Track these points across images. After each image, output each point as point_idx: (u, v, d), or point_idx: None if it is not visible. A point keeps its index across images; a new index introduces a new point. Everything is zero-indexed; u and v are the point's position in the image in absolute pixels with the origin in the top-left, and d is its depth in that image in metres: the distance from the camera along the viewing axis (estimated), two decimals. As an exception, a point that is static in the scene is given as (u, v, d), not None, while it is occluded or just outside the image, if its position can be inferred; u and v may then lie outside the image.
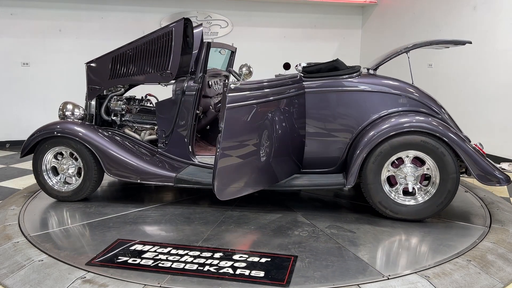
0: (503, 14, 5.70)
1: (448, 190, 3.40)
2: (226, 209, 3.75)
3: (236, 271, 2.67)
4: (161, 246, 3.01)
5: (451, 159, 3.37)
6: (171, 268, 2.69)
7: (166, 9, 7.58)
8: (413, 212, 3.45)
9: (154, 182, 3.78)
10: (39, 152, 3.86)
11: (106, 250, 2.94)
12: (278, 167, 3.53)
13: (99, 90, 4.13)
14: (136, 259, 2.81)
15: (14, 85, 7.02)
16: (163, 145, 3.97)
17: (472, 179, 4.93)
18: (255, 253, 2.92)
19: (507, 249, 3.04)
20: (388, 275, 2.63)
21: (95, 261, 2.77)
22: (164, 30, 3.79)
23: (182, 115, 3.88)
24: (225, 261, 2.80)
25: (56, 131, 3.77)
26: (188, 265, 2.73)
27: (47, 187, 3.91)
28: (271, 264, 2.78)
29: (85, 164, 3.81)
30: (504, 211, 3.77)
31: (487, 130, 5.97)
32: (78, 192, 3.89)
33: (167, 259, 2.81)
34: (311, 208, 3.86)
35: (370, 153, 3.43)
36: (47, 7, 7.03)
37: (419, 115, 3.50)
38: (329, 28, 8.42)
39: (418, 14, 7.13)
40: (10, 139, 7.09)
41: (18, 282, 2.57)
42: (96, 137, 3.79)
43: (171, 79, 3.87)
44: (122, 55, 3.92)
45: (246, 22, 7.97)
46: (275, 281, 2.57)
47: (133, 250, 2.94)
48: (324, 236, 3.23)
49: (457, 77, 6.41)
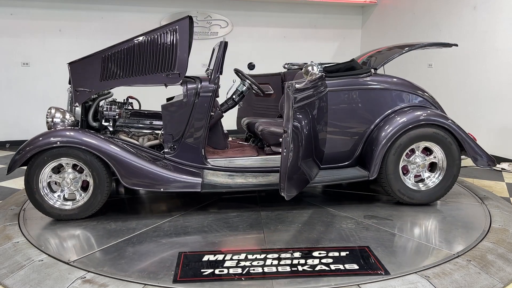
0: (503, 14, 5.70)
1: (454, 175, 3.86)
2: (254, 210, 3.74)
3: (330, 267, 2.73)
4: (233, 253, 2.89)
5: (455, 148, 3.84)
6: (265, 273, 2.64)
7: (166, 9, 7.59)
8: (426, 197, 3.86)
9: (178, 189, 3.53)
10: (36, 166, 3.36)
11: (180, 266, 2.73)
12: (315, 164, 3.66)
13: (89, 94, 3.68)
14: (222, 269, 2.68)
15: (14, 85, 7.02)
16: (171, 150, 3.71)
17: (472, 179, 4.95)
18: (330, 248, 3.00)
19: (507, 249, 3.04)
20: (457, 252, 2.95)
21: (181, 279, 2.57)
22: (167, 28, 3.57)
23: (196, 117, 3.66)
24: (311, 259, 2.82)
25: (59, 141, 3.33)
26: (281, 267, 2.70)
27: (46, 206, 3.43)
28: (354, 256, 2.88)
29: (97, 176, 3.41)
30: (504, 211, 3.77)
31: (487, 130, 5.97)
32: (87, 209, 3.47)
33: (252, 264, 2.74)
34: (330, 201, 4.02)
35: (391, 145, 3.75)
36: (47, 7, 7.03)
37: (428, 110, 3.91)
38: (329, 28, 8.43)
39: (418, 14, 7.13)
40: (10, 139, 7.09)
41: (18, 282, 2.57)
42: (109, 145, 3.42)
43: (179, 80, 3.61)
44: (115, 55, 3.58)
45: (246, 22, 7.97)
46: (374, 270, 2.69)
47: (208, 261, 2.79)
48: (371, 225, 3.43)
49: (457, 77, 6.41)
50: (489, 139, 5.95)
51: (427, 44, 4.16)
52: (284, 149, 3.08)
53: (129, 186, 3.45)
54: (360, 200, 4.10)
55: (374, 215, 3.65)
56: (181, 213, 3.68)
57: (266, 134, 3.90)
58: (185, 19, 3.55)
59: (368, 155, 3.83)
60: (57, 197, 3.46)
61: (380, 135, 3.79)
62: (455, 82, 6.46)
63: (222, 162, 3.79)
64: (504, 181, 4.98)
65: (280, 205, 3.84)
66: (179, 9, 7.62)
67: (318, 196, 4.24)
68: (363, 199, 4.13)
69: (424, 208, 3.81)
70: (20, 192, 4.35)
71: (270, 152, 3.92)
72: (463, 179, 4.87)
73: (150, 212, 3.81)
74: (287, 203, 3.79)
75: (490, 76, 5.89)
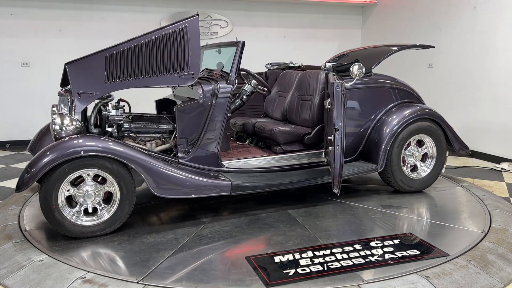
0: (503, 14, 5.70)
1: (442, 163, 4.32)
2: (279, 209, 3.79)
3: (396, 254, 2.91)
4: (299, 251, 2.94)
5: (443, 138, 4.28)
6: (343, 267, 2.74)
7: (166, 9, 7.59)
8: (422, 184, 4.26)
9: (209, 194, 3.41)
10: (55, 179, 2.99)
11: (259, 270, 2.70)
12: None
13: (93, 97, 3.34)
14: (303, 268, 2.73)
15: (14, 85, 7.02)
16: (185, 154, 3.55)
17: (472, 179, 4.94)
18: (380, 238, 3.18)
19: (507, 249, 3.04)
20: (482, 230, 3.32)
21: (273, 282, 2.56)
22: (176, 26, 3.35)
23: (213, 119, 3.55)
24: (373, 249, 2.99)
25: (83, 150, 3.01)
26: (354, 259, 2.83)
27: (67, 224, 3.06)
28: (406, 243, 3.09)
29: (124, 186, 3.15)
30: (504, 211, 3.77)
31: (487, 130, 5.97)
32: (114, 222, 3.19)
33: (326, 260, 2.82)
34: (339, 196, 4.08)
35: (396, 138, 4.04)
36: (47, 7, 7.03)
37: (420, 105, 4.27)
38: (329, 28, 8.43)
39: (418, 14, 7.13)
40: (10, 139, 7.09)
41: (18, 282, 2.57)
42: (136, 152, 3.18)
43: (193, 80, 3.44)
44: (121, 54, 3.29)
45: (246, 22, 7.97)
46: (437, 253, 2.94)
47: (281, 262, 2.80)
48: (394, 214, 3.70)
49: (457, 77, 6.41)
50: (489, 139, 5.95)
51: (409, 46, 4.42)
52: (337, 146, 3.27)
53: (160, 194, 3.23)
54: (361, 192, 4.31)
55: (388, 204, 3.93)
56: (208, 218, 3.57)
57: (277, 133, 3.93)
58: (194, 17, 3.39)
59: (374, 149, 4.07)
60: (77, 212, 3.12)
61: (385, 129, 4.05)
62: (455, 82, 6.46)
63: (237, 164, 3.74)
64: (504, 181, 4.98)
65: (298, 201, 3.97)
66: (179, 9, 7.62)
67: (320, 191, 4.28)
68: (360, 191, 4.37)
69: (426, 196, 4.22)
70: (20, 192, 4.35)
71: (281, 151, 3.97)
72: (463, 179, 4.87)
73: (172, 220, 3.58)
74: (303, 199, 4.02)
75: (490, 76, 5.89)
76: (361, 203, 3.93)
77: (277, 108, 4.70)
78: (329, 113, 3.60)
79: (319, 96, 4.10)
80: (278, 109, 4.66)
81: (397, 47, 4.33)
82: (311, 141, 4.02)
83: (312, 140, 4.02)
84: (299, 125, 4.25)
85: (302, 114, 4.29)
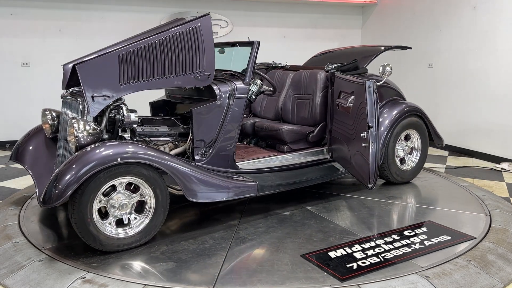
0: (503, 14, 5.70)
1: (426, 154, 4.67)
2: (298, 207, 3.87)
3: (432, 241, 3.13)
4: (347, 245, 3.07)
5: (427, 133, 4.63)
6: (396, 256, 2.90)
7: (166, 9, 7.58)
8: (410, 175, 4.60)
9: (237, 196, 3.41)
10: (89, 190, 2.77)
11: (322, 267, 2.76)
12: None
13: (108, 100, 3.09)
14: (363, 260, 2.84)
15: (14, 85, 7.02)
16: (202, 156, 3.46)
17: (472, 179, 4.94)
18: (408, 227, 3.41)
19: (507, 249, 3.04)
20: (486, 213, 3.71)
21: (345, 276, 2.64)
22: (188, 26, 3.24)
23: (230, 120, 3.51)
24: (411, 238, 3.20)
25: (120, 157, 2.82)
26: (402, 249, 3.01)
27: (102, 238, 2.85)
28: (434, 229, 3.37)
29: (160, 193, 3.03)
30: (504, 211, 3.77)
31: (487, 130, 5.97)
32: (149, 232, 3.03)
33: (376, 252, 2.97)
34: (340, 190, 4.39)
35: (392, 133, 4.28)
36: (47, 7, 7.02)
37: (407, 102, 4.55)
38: (329, 28, 8.42)
39: (418, 14, 7.13)
40: (10, 139, 7.08)
41: (18, 282, 2.57)
42: (171, 158, 3.10)
43: (210, 81, 3.37)
44: (135, 53, 3.08)
45: (246, 22, 7.97)
46: (464, 237, 3.22)
47: (337, 257, 2.89)
48: (402, 205, 3.99)
49: (457, 77, 6.41)
50: (489, 139, 5.95)
51: (388, 47, 4.66)
52: (371, 143, 3.39)
53: (193, 199, 3.15)
54: (357, 185, 4.50)
55: (392, 195, 4.21)
56: (235, 221, 3.53)
57: (285, 132, 3.98)
58: (206, 16, 3.32)
59: None
60: (109, 223, 2.93)
61: (381, 125, 4.20)
62: (455, 82, 6.46)
63: (249, 165, 3.74)
64: (504, 181, 4.98)
65: (313, 198, 4.09)
66: (179, 9, 7.62)
67: (321, 187, 4.37)
68: (355, 184, 4.58)
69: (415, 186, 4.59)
70: (20, 192, 4.35)
71: (288, 150, 4.03)
72: (463, 179, 4.87)
73: (198, 225, 3.48)
74: (313, 196, 4.13)
75: (490, 76, 5.89)
76: (367, 196, 4.14)
77: (267, 108, 4.71)
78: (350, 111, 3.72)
79: (321, 95, 4.15)
80: (270, 109, 4.66)
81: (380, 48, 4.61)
82: (314, 139, 4.13)
83: (315, 138, 4.13)
84: (296, 124, 4.29)
85: (300, 113, 4.33)
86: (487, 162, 5.81)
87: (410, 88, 6.88)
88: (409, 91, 6.76)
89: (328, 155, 4.15)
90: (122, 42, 3.21)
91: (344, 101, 3.80)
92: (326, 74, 4.20)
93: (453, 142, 6.46)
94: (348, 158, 3.82)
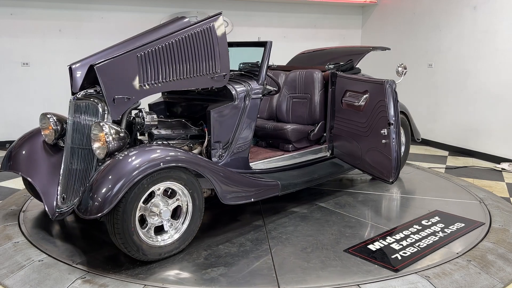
0: (503, 14, 5.70)
1: (409, 148, 4.91)
2: (312, 204, 3.95)
3: (450, 229, 3.35)
4: (381, 237, 3.21)
5: (409, 128, 4.86)
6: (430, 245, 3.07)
7: (166, 9, 7.58)
8: None
9: (263, 196, 3.39)
10: (133, 198, 2.63)
11: (369, 259, 2.87)
12: None
13: (129, 102, 2.94)
14: (404, 251, 2.99)
15: (14, 85, 7.02)
16: (219, 158, 3.42)
17: (472, 179, 4.94)
18: (423, 217, 3.62)
19: (507, 249, 3.04)
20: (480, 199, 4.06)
21: (398, 266, 2.77)
22: (200, 26, 3.16)
23: (246, 121, 3.51)
24: (432, 227, 3.39)
25: (162, 162, 2.71)
26: (429, 238, 3.20)
27: (145, 248, 2.72)
28: (445, 217, 3.60)
29: (197, 197, 2.95)
30: (504, 211, 3.77)
31: (487, 130, 5.97)
32: (187, 237, 2.95)
33: (410, 242, 3.14)
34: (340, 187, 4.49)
35: None
36: (47, 7, 7.02)
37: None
38: (329, 28, 8.42)
39: (418, 14, 7.13)
40: (10, 139, 7.08)
41: (18, 282, 2.57)
42: (205, 161, 3.06)
43: (225, 82, 3.34)
44: (153, 54, 2.97)
45: (246, 22, 7.97)
46: (474, 223, 3.46)
47: (377, 249, 3.02)
48: (407, 197, 4.20)
49: (457, 77, 6.41)
50: (489, 139, 5.94)
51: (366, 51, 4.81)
52: (393, 139, 3.47)
53: (226, 202, 3.10)
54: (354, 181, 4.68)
55: (388, 188, 4.38)
56: (260, 221, 3.53)
57: (291, 131, 4.04)
58: (219, 16, 3.27)
59: None
60: (147, 231, 2.80)
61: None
62: (455, 82, 6.45)
63: (260, 165, 3.77)
64: (504, 181, 4.98)
65: (320, 195, 4.19)
66: (179, 9, 7.62)
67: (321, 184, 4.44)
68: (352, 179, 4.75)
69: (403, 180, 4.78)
70: (20, 192, 4.34)
71: (293, 148, 4.09)
72: (464, 179, 4.87)
73: (224, 225, 3.44)
74: (320, 193, 4.23)
75: (490, 76, 5.89)
76: (368, 191, 4.33)
77: (261, 108, 4.68)
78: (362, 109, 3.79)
79: (320, 94, 4.20)
80: (263, 109, 4.66)
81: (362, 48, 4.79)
82: (315, 137, 4.23)
83: (316, 136, 4.22)
84: (292, 123, 4.33)
85: (297, 112, 4.38)
86: (487, 162, 5.81)
87: (410, 88, 6.88)
88: (409, 91, 6.77)
89: (328, 152, 4.24)
90: (132, 41, 3.15)
91: (353, 99, 3.85)
92: (323, 73, 4.27)
93: (453, 142, 6.46)
94: (358, 155, 3.89)
